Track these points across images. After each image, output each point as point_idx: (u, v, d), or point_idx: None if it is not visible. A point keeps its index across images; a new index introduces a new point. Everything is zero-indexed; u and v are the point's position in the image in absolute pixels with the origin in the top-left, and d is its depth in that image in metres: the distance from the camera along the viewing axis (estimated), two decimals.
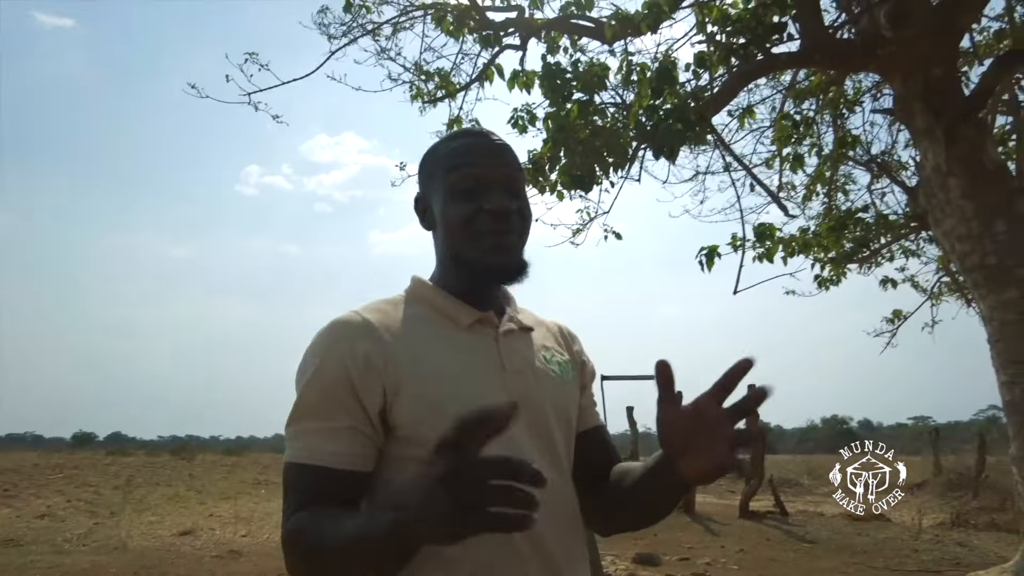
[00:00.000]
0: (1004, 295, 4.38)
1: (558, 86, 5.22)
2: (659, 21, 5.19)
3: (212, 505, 10.77)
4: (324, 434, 0.84)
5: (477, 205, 0.92)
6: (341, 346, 0.86)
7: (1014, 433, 4.27)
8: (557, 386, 0.99)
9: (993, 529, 8.08)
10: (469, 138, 0.99)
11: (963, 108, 4.52)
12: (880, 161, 6.54)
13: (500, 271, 0.94)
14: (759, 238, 6.17)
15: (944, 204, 4.77)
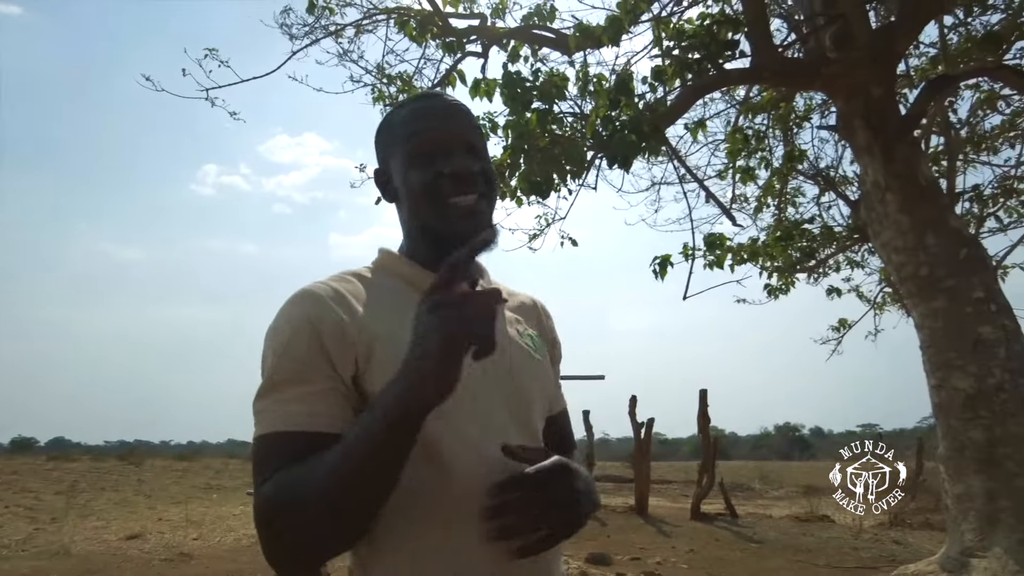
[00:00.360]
0: (934, 303, 4.63)
1: (518, 94, 5.33)
2: (620, 34, 5.35)
3: (162, 509, 10.52)
4: (300, 399, 0.79)
5: (437, 170, 0.89)
6: (311, 314, 0.82)
7: (942, 434, 4.51)
8: (532, 360, 0.96)
9: (927, 528, 8.46)
10: (422, 101, 0.96)
11: (899, 127, 4.78)
12: (826, 175, 6.83)
13: (465, 237, 0.86)
14: (709, 247, 6.38)
15: (882, 217, 5.03)
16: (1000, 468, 4.16)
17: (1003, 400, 4.21)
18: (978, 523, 4.16)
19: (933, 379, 4.59)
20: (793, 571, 6.04)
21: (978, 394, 4.28)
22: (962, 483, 4.31)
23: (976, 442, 4.24)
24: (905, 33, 4.91)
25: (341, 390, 0.81)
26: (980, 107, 6.40)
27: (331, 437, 0.76)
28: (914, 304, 4.80)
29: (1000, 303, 4.50)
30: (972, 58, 5.38)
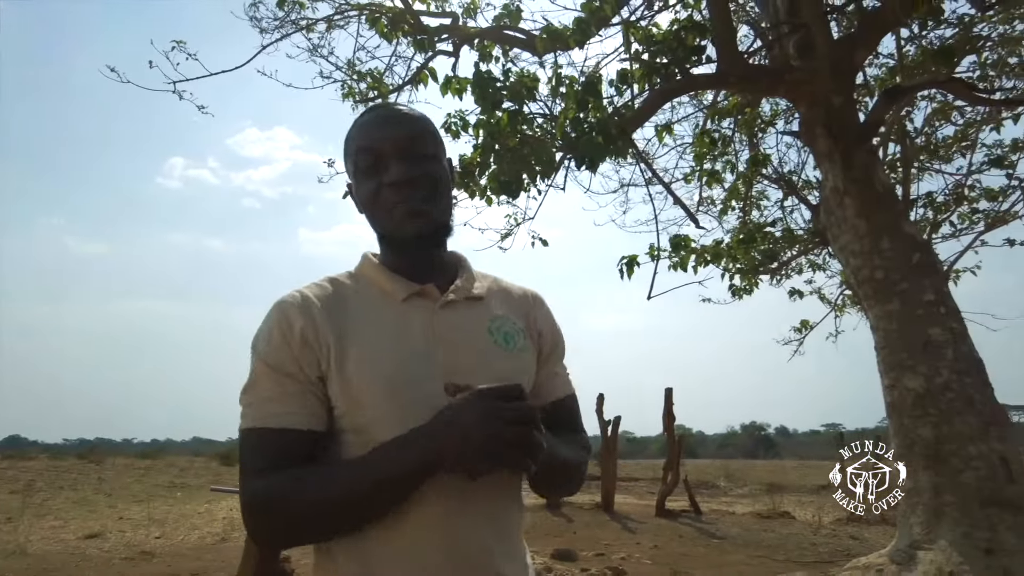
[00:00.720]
0: (888, 306, 4.79)
1: (489, 94, 5.37)
2: (586, 38, 5.42)
3: (123, 508, 10.33)
4: (276, 399, 0.88)
5: (378, 180, 0.95)
6: (282, 323, 0.91)
7: (894, 432, 4.67)
8: (503, 357, 0.98)
9: (883, 523, 8.72)
10: (369, 114, 1.01)
11: (858, 135, 4.93)
12: (788, 180, 7.00)
13: (415, 237, 0.96)
14: (674, 248, 6.50)
15: (841, 222, 5.18)
16: (946, 464, 4.32)
17: (950, 399, 4.38)
18: (925, 517, 4.32)
19: (887, 379, 4.75)
20: (753, 566, 6.19)
21: (927, 393, 4.44)
22: (911, 479, 4.47)
23: (925, 439, 4.40)
24: (864, 44, 5.07)
25: (311, 390, 0.90)
26: (935, 117, 6.63)
27: (307, 434, 0.88)
28: (870, 306, 4.96)
29: (949, 306, 4.67)
30: (926, 70, 5.57)
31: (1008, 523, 4.13)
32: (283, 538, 0.91)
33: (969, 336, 4.64)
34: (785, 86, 5.45)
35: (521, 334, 1.03)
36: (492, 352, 0.97)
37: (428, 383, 0.89)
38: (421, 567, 0.86)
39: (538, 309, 1.10)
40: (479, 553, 0.90)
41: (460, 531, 0.88)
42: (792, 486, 16.58)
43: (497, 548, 0.92)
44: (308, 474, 0.85)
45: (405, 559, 0.86)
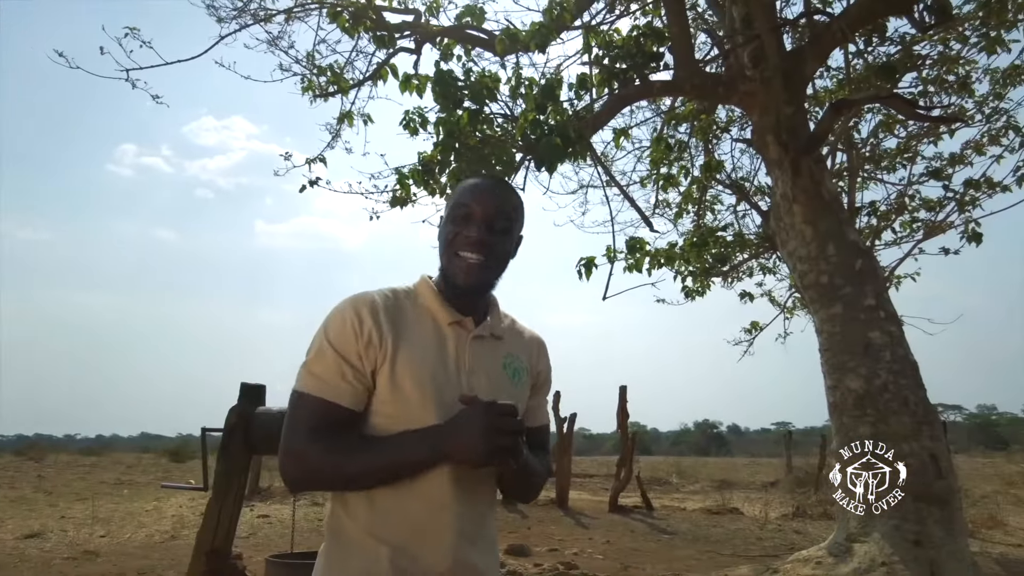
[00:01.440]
0: (832, 310, 4.99)
1: (450, 93, 5.39)
2: (546, 42, 5.49)
3: (65, 507, 9.98)
4: (334, 377, 1.09)
5: (459, 230, 1.19)
6: (355, 319, 1.12)
7: (835, 430, 4.88)
8: (509, 388, 1.22)
9: (826, 518, 9.05)
10: (478, 179, 1.27)
11: (807, 144, 5.11)
12: (739, 185, 7.20)
13: (464, 287, 1.19)
14: (630, 250, 6.64)
15: (789, 227, 5.37)
16: None
17: (887, 399, 4.59)
18: (862, 511, 4.52)
19: (829, 380, 4.95)
20: (701, 561, 6.37)
21: (867, 394, 4.65)
22: None
23: (863, 438, 4.60)
24: (814, 57, 5.26)
25: (362, 381, 1.11)
26: (879, 129, 6.91)
27: (348, 411, 1.10)
28: (815, 310, 5.16)
29: (888, 311, 4.90)
30: (871, 84, 5.81)
31: (935, 516, 4.36)
32: (305, 485, 1.12)
33: (905, 340, 4.87)
34: (738, 95, 5.62)
35: (525, 371, 1.29)
36: (502, 381, 1.23)
37: (451, 393, 1.12)
38: (413, 525, 1.09)
39: (540, 353, 1.36)
40: (464, 533, 1.12)
41: (454, 510, 1.11)
42: (742, 483, 17.02)
43: (478, 535, 1.15)
44: (341, 442, 1.08)
45: (404, 517, 1.09)
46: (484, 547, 1.17)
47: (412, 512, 1.09)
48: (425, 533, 1.09)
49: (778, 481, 14.79)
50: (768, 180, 7.83)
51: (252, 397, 4.03)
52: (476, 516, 1.15)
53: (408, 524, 1.09)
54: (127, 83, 5.32)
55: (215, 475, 3.85)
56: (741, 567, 5.28)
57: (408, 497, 1.09)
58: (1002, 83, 6.53)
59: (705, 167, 6.85)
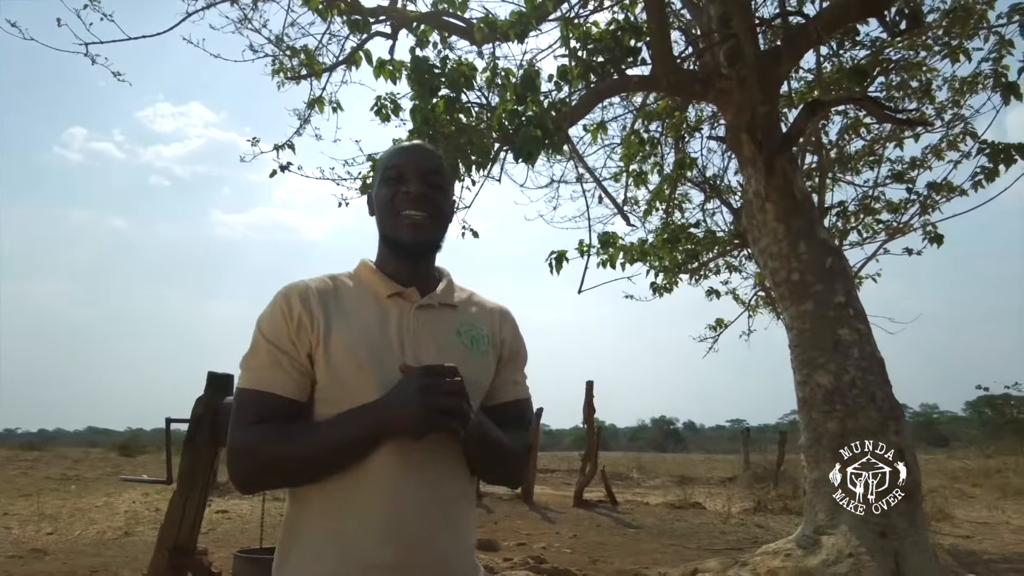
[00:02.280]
0: (803, 307, 5.07)
1: (426, 80, 5.28)
2: (526, 31, 5.43)
3: (7, 503, 9.52)
4: (270, 368, 1.06)
5: (397, 189, 1.16)
6: (284, 306, 1.09)
7: (804, 426, 4.96)
8: (464, 356, 1.14)
9: (786, 512, 9.26)
10: (404, 144, 1.25)
11: (781, 143, 5.17)
12: (712, 183, 7.28)
13: (410, 243, 1.16)
14: (603, 245, 6.65)
15: (761, 225, 5.44)
16: None
17: (855, 395, 4.69)
18: (830, 505, 4.60)
19: (799, 375, 5.02)
20: (667, 555, 6.42)
21: (835, 390, 4.73)
22: (818, 469, 4.75)
23: (832, 432, 4.69)
24: (788, 58, 5.32)
25: (299, 366, 1.07)
26: (846, 132, 7.07)
27: (291, 402, 1.05)
28: (786, 307, 5.23)
29: (857, 309, 5.00)
30: (842, 86, 5.92)
31: (899, 509, 4.46)
32: (254, 482, 1.06)
33: (873, 337, 4.98)
34: (714, 92, 5.66)
35: (485, 339, 1.19)
36: (456, 350, 1.14)
37: (395, 369, 1.04)
38: (370, 519, 1.01)
39: (504, 321, 1.26)
40: (424, 521, 1.04)
41: (410, 497, 1.03)
42: (700, 478, 17.31)
43: (443, 522, 1.06)
44: (281, 430, 1.03)
45: (359, 511, 1.02)
46: (452, 534, 1.08)
47: (367, 505, 1.02)
48: (384, 525, 1.01)
49: (736, 476, 15.08)
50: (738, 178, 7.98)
51: (219, 387, 3.89)
52: (441, 501, 1.07)
53: (364, 519, 1.02)
54: (81, 59, 5.07)
55: (180, 468, 3.70)
56: (709, 560, 5.33)
57: (361, 490, 1.02)
58: (960, 91, 6.74)
59: (678, 164, 6.90)
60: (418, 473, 1.03)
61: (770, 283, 5.62)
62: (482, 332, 1.20)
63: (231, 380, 3.99)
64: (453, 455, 1.08)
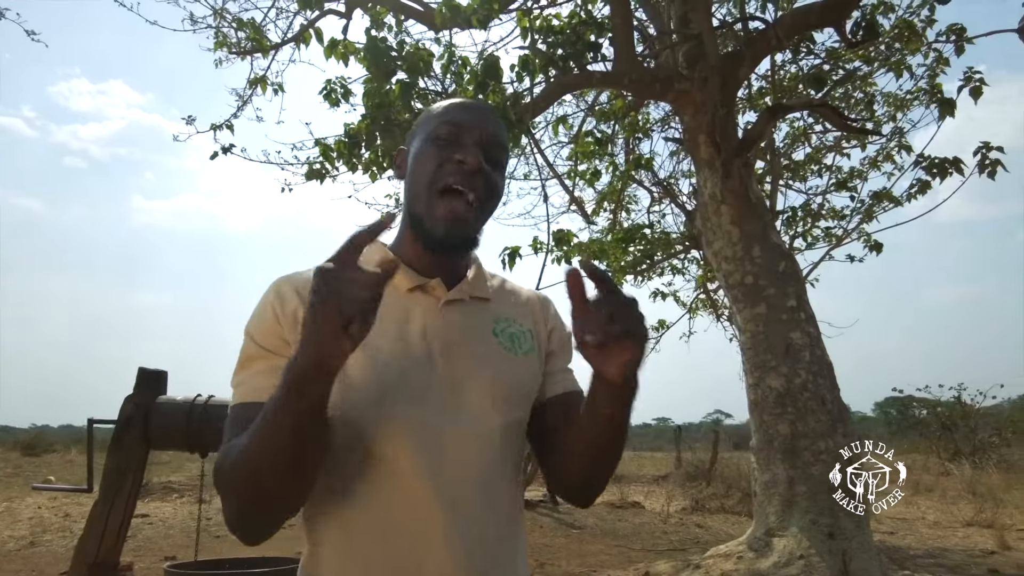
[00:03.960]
0: (756, 310, 5.11)
1: (382, 62, 5.03)
2: (490, 17, 5.25)
3: None
4: (265, 375, 0.83)
5: (447, 155, 0.89)
6: (275, 302, 0.88)
7: (755, 428, 4.99)
8: (505, 360, 0.94)
9: (722, 512, 9.44)
10: (462, 100, 1.00)
11: (739, 147, 5.20)
12: (666, 184, 7.31)
13: (443, 237, 0.89)
14: (558, 243, 6.55)
15: (716, 228, 5.45)
16: (799, 458, 4.69)
17: (806, 398, 4.75)
18: (780, 507, 4.65)
19: (751, 378, 5.06)
20: (613, 556, 6.39)
21: (787, 392, 4.78)
22: (769, 471, 4.79)
23: (783, 435, 4.74)
24: (749, 61, 5.36)
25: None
26: (794, 139, 7.25)
27: None
28: (739, 309, 5.26)
29: (808, 312, 5.08)
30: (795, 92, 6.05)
31: (846, 510, 4.55)
32: (253, 517, 0.80)
33: (822, 341, 5.07)
34: (674, 93, 5.64)
35: (528, 336, 0.99)
36: (496, 355, 0.93)
37: (418, 384, 0.85)
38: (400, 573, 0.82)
39: (546, 311, 1.06)
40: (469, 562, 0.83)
41: (453, 544, 0.82)
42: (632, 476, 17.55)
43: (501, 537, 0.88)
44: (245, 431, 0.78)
45: (388, 564, 0.82)
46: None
47: (398, 555, 0.82)
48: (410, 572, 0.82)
49: (669, 475, 15.35)
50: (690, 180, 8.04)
51: (151, 384, 3.55)
52: (489, 548, 0.86)
53: (393, 572, 0.82)
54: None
55: (104, 473, 3.35)
56: (659, 563, 5.31)
57: (390, 536, 0.82)
58: (899, 105, 7.01)
59: (634, 164, 6.88)
60: (460, 520, 0.82)
61: (723, 286, 5.65)
62: (523, 329, 0.99)
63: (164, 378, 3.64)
64: (504, 483, 0.89)
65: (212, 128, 5.72)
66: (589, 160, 6.69)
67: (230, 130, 5.80)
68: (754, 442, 4.98)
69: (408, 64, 5.05)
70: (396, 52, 5.12)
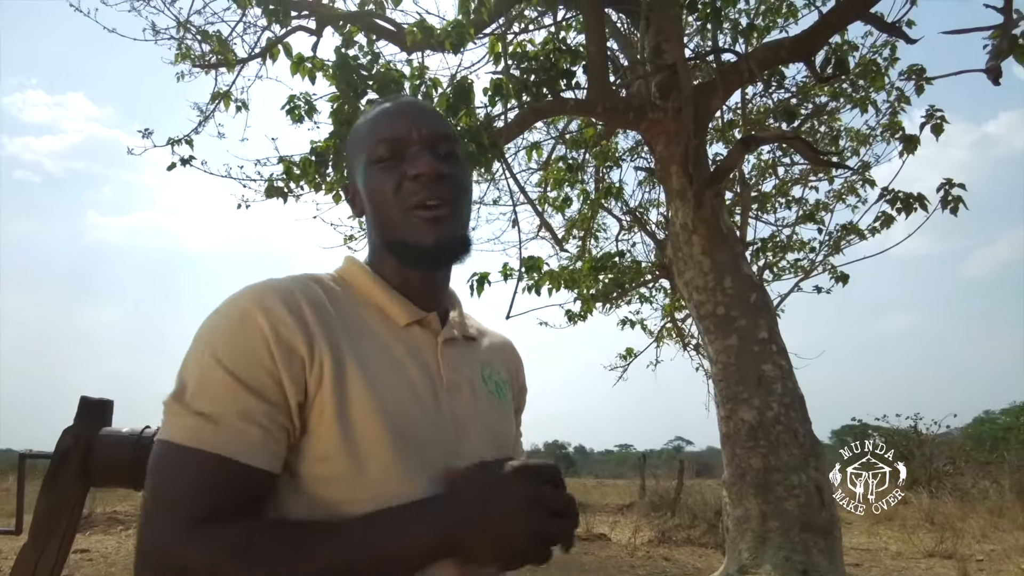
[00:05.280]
0: (727, 341, 5.07)
1: (352, 80, 4.90)
2: (462, 42, 5.18)
3: None
4: (238, 421, 0.65)
5: (400, 173, 0.79)
6: (261, 319, 0.68)
7: (727, 461, 4.91)
8: (495, 409, 0.86)
9: (689, 544, 9.32)
10: (389, 104, 0.88)
11: (711, 177, 5.20)
12: (636, 213, 7.31)
13: (433, 247, 0.79)
14: (528, 270, 6.45)
15: (688, 258, 5.42)
16: (772, 492, 4.61)
17: (779, 432, 4.70)
18: (753, 542, 4.56)
19: (723, 410, 4.99)
20: None
21: (759, 425, 4.73)
22: (742, 506, 4.71)
23: (755, 469, 4.66)
24: (721, 93, 5.39)
25: (281, 417, 0.67)
26: (761, 171, 7.34)
27: (264, 477, 0.66)
28: (711, 340, 5.21)
29: (779, 344, 5.05)
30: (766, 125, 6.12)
31: (820, 547, 4.48)
32: None
33: (794, 373, 5.05)
34: (647, 122, 5.65)
35: (507, 386, 0.92)
36: (489, 401, 0.85)
37: (431, 436, 0.73)
38: None
39: (518, 362, 1.00)
40: None
41: None
42: (596, 505, 17.36)
43: None
44: (267, 535, 0.65)
45: None
46: None
47: None
48: None
49: (633, 503, 15.22)
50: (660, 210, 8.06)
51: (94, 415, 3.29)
52: None
53: None
54: None
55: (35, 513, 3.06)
56: None
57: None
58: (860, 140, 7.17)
59: (605, 192, 6.86)
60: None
61: (694, 316, 5.61)
62: (503, 378, 0.91)
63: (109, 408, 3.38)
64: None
65: (170, 143, 5.49)
66: (560, 187, 6.64)
67: (189, 145, 5.58)
68: (726, 476, 4.89)
69: (378, 83, 4.93)
70: (366, 71, 5.01)
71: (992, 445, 18.17)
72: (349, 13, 5.40)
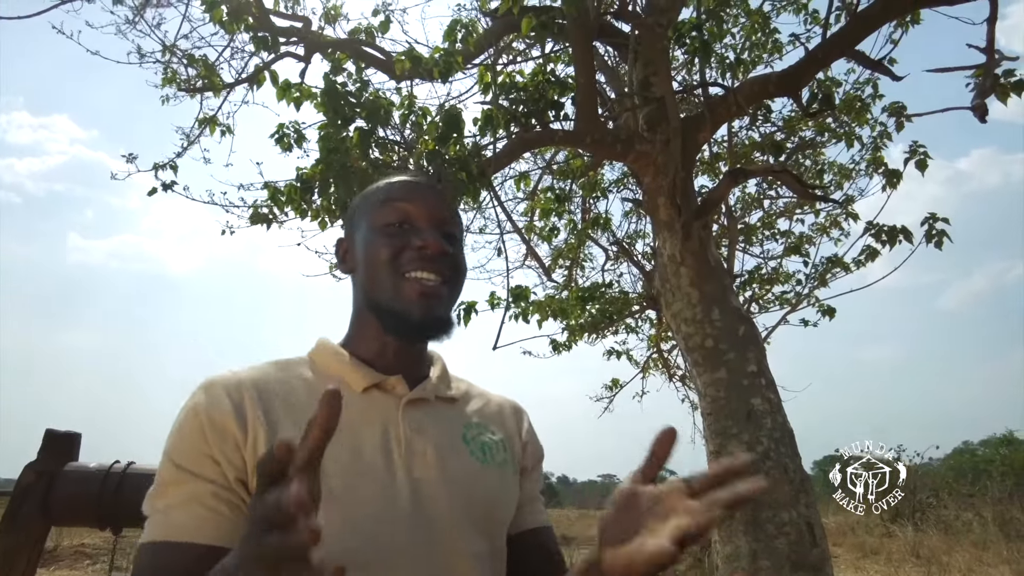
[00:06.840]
0: (716, 375, 5.01)
1: (340, 107, 4.86)
2: (451, 71, 5.18)
3: None
4: (184, 506, 0.70)
5: (404, 241, 0.84)
6: (200, 409, 0.74)
7: None
8: (481, 473, 0.84)
9: None
10: (404, 176, 0.93)
11: (700, 209, 5.20)
12: (623, 244, 7.31)
13: (420, 320, 0.82)
14: (516, 299, 6.38)
15: (675, 289, 5.39)
16: (762, 530, 4.52)
17: (768, 467, 4.62)
18: None
19: (712, 445, 4.91)
20: None
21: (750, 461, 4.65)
22: (731, 544, 4.60)
23: (746, 507, 4.57)
24: (709, 126, 5.43)
25: (227, 492, 0.71)
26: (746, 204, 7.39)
27: (219, 551, 0.66)
28: (699, 373, 5.16)
29: (768, 378, 5.00)
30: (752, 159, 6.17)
31: None
32: None
33: (783, 407, 4.99)
34: (634, 154, 5.66)
35: (501, 446, 0.90)
36: (468, 467, 0.84)
37: (372, 492, 0.73)
38: None
39: (521, 421, 0.98)
40: None
41: None
42: (581, 537, 17.12)
43: None
44: None
45: None
46: None
47: None
48: None
49: None
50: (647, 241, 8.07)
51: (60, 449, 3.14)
52: None
53: None
54: None
55: None
56: None
57: None
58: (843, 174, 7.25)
59: (592, 223, 6.85)
60: None
61: (682, 348, 5.56)
62: (495, 438, 0.90)
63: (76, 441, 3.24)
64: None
65: (154, 168, 5.40)
66: (547, 217, 6.63)
67: (173, 170, 5.49)
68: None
69: (367, 111, 4.90)
70: (355, 99, 4.97)
71: (974, 477, 18.21)
72: (338, 40, 5.38)
